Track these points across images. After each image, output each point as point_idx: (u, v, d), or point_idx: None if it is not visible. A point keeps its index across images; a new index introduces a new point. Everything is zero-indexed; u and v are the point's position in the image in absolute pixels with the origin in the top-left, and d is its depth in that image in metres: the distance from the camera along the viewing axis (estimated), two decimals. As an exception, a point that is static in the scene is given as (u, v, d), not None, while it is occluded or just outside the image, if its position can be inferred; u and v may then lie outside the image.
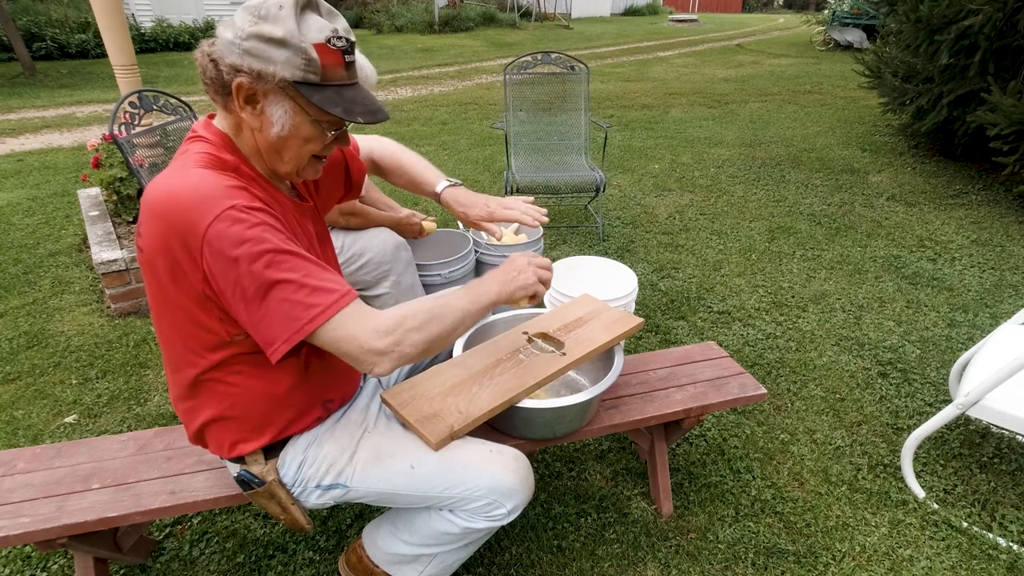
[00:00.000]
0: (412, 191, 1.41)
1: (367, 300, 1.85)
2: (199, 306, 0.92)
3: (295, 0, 0.86)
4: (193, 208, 0.85)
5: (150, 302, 0.98)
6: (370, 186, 2.09)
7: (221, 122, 0.98)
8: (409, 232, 2.10)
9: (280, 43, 0.85)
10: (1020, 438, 1.92)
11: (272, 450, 1.11)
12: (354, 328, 0.90)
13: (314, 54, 0.87)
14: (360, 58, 1.84)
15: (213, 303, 0.92)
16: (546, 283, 1.11)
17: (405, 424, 1.19)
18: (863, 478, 1.81)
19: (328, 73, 0.89)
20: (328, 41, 0.87)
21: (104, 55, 8.26)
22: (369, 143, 1.41)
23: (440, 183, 1.35)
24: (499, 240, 1.32)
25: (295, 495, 1.14)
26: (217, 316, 0.94)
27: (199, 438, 1.12)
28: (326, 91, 0.90)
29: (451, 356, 1.38)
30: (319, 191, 1.23)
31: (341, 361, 1.16)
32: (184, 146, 0.97)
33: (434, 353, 1.00)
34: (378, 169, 1.43)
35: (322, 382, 1.12)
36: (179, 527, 1.63)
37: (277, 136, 0.93)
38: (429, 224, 2.17)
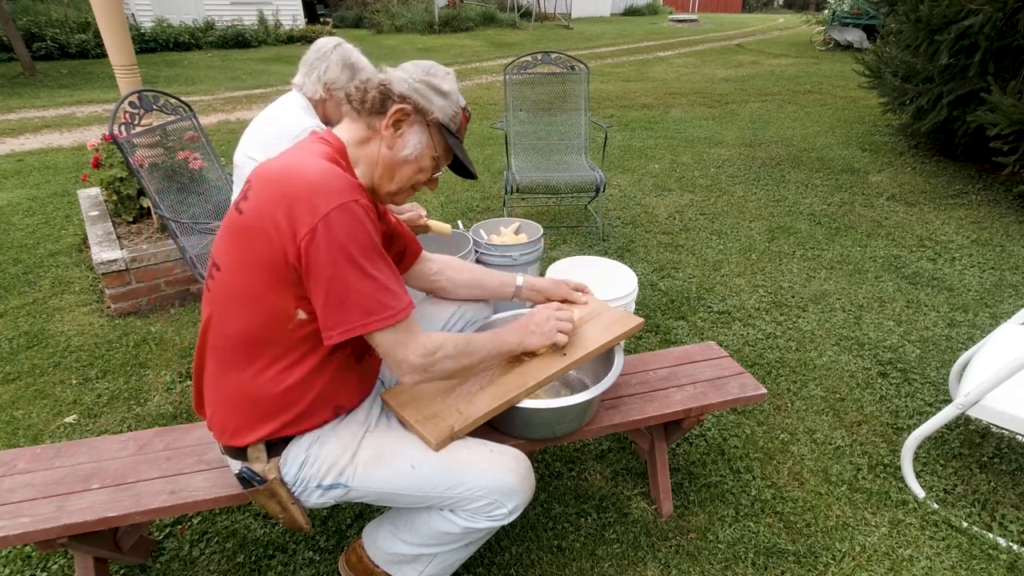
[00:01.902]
0: (488, 298, 1.54)
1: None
2: (274, 276, 0.99)
3: (454, 75, 1.16)
4: (320, 188, 0.96)
5: (222, 266, 1.04)
6: None
7: (344, 132, 1.12)
8: (413, 231, 2.10)
9: (443, 94, 1.11)
10: (1020, 438, 1.92)
11: (274, 448, 1.11)
12: (406, 339, 1.05)
13: (459, 110, 1.14)
14: (361, 59, 1.86)
15: (294, 274, 0.99)
16: (567, 333, 1.31)
17: (405, 424, 1.19)
18: (863, 478, 1.81)
19: (460, 128, 1.16)
20: (464, 108, 1.16)
21: (104, 55, 8.26)
22: (442, 259, 1.49)
23: (516, 278, 1.52)
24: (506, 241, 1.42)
25: (296, 494, 1.14)
26: (291, 290, 1.01)
27: (202, 409, 1.17)
28: (455, 139, 1.15)
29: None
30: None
31: (362, 369, 1.18)
32: (303, 142, 1.11)
33: (455, 377, 1.19)
34: (442, 284, 1.47)
35: (339, 386, 1.13)
36: (179, 527, 1.63)
37: (403, 158, 1.10)
38: (441, 226, 2.15)
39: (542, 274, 2.59)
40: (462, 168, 1.19)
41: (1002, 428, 1.91)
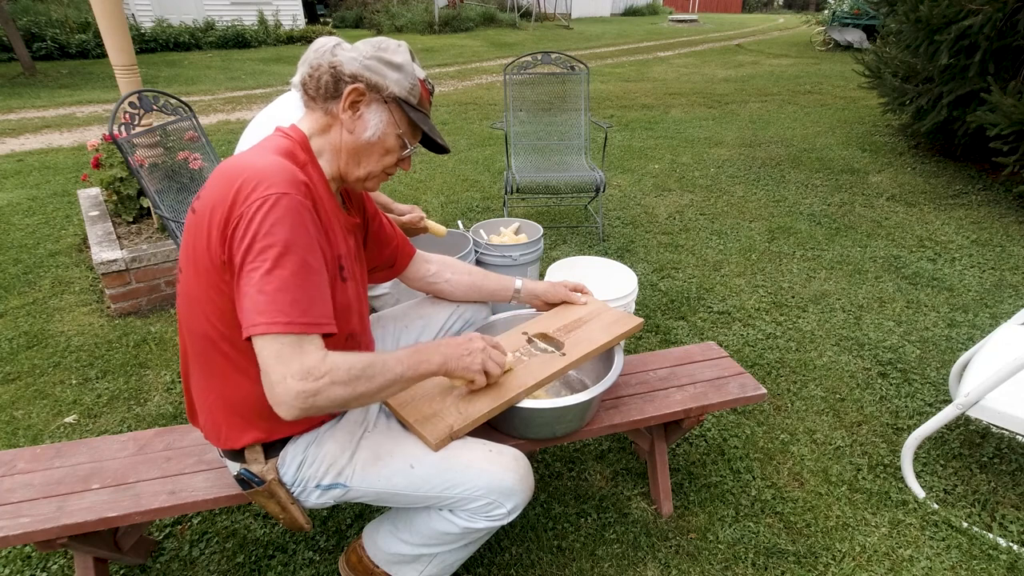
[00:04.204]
0: (487, 300, 1.53)
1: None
2: (220, 272, 0.95)
3: (408, 47, 1.10)
4: (258, 178, 0.92)
5: (183, 268, 1.02)
6: None
7: (305, 123, 1.09)
8: (412, 232, 2.10)
9: (397, 67, 1.06)
10: (1020, 438, 1.92)
11: (272, 448, 1.11)
12: (291, 355, 0.90)
13: (417, 82, 1.09)
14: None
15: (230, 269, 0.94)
16: (490, 375, 1.17)
17: (405, 424, 1.19)
18: (863, 478, 1.81)
19: (421, 101, 1.11)
20: (424, 80, 1.11)
21: (104, 55, 8.27)
22: (441, 260, 1.49)
23: (515, 281, 1.51)
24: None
25: (295, 495, 1.14)
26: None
27: (194, 417, 1.14)
28: (418, 113, 1.10)
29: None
30: (366, 246, 1.30)
31: None
32: (264, 139, 1.08)
33: (351, 408, 1.04)
34: (441, 287, 1.48)
35: None
36: (179, 527, 1.63)
37: (366, 140, 1.06)
38: (437, 227, 2.14)
39: (542, 274, 2.60)
40: (433, 144, 1.15)
41: (1002, 428, 1.91)
